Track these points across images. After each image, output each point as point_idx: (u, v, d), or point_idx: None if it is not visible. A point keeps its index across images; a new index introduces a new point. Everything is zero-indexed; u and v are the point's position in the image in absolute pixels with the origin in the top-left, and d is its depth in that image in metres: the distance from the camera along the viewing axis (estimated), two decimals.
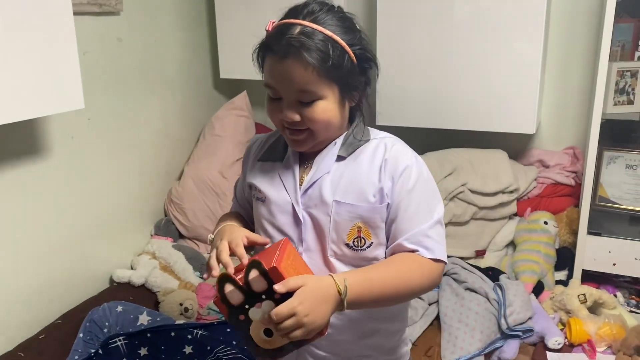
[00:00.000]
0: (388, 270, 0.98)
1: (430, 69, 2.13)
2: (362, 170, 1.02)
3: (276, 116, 1.01)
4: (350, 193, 1.01)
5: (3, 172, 1.68)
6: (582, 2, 2.16)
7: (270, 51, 0.97)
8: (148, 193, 2.30)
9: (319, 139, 1.02)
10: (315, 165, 1.05)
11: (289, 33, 0.94)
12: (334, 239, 1.02)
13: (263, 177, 1.09)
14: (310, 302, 0.86)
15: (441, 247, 1.00)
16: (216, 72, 2.57)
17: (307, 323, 0.86)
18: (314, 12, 0.97)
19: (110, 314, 1.81)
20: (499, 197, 2.11)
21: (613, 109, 1.97)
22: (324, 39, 0.94)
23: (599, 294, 1.87)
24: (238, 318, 0.90)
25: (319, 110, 0.98)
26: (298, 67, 0.94)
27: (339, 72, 0.96)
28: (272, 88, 0.99)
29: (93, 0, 1.88)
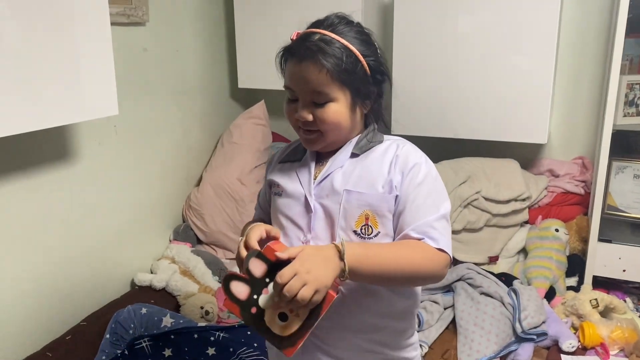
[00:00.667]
0: (390, 247, 1.04)
1: (444, 80, 2.20)
2: (374, 165, 1.08)
3: (292, 116, 1.09)
4: (360, 183, 1.07)
5: (35, 176, 1.73)
6: (592, 18, 2.24)
7: (291, 55, 1.06)
8: (168, 199, 2.35)
9: (328, 139, 1.09)
10: (330, 161, 1.12)
11: (309, 39, 1.05)
12: (342, 226, 1.07)
13: (282, 174, 1.17)
14: (311, 261, 0.92)
15: (446, 240, 1.04)
16: (234, 82, 2.63)
17: (311, 279, 0.89)
18: (334, 24, 1.07)
19: (135, 316, 1.85)
20: (511, 204, 2.17)
21: (623, 120, 2.04)
22: (340, 47, 1.04)
23: (610, 299, 1.92)
24: (250, 313, 0.92)
25: (330, 111, 1.05)
26: (313, 69, 1.03)
27: (350, 77, 1.05)
28: (290, 90, 1.08)
29: (122, 11, 1.95)
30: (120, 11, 1.94)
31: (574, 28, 2.26)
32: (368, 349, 1.12)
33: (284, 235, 1.12)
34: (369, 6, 2.30)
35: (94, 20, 1.52)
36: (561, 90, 2.33)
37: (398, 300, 1.11)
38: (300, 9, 2.31)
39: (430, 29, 2.20)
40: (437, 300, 1.95)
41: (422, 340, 1.81)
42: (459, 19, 2.15)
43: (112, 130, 1.99)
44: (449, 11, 2.16)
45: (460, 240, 2.17)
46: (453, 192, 2.16)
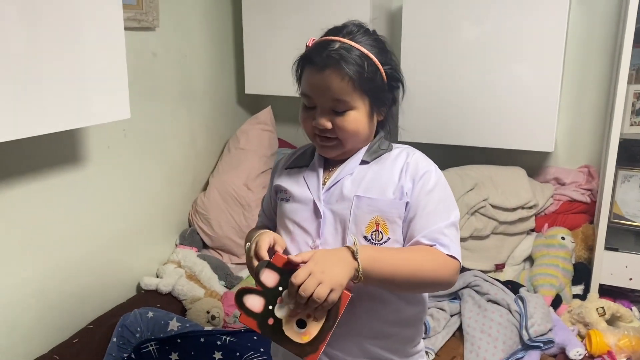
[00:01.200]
0: (402, 251, 1.04)
1: (452, 88, 2.22)
2: (384, 171, 1.09)
3: (309, 123, 1.09)
4: (371, 189, 1.08)
5: (44, 179, 1.74)
6: (599, 27, 2.25)
7: (310, 63, 1.06)
8: (174, 203, 2.36)
9: (346, 147, 1.10)
10: (339, 168, 1.12)
11: (329, 47, 1.04)
12: (353, 231, 1.07)
13: (289, 180, 1.17)
14: (325, 261, 0.93)
15: (456, 247, 1.05)
16: (241, 88, 2.65)
17: (326, 279, 0.90)
18: (353, 32, 1.07)
19: (141, 320, 1.86)
20: (518, 212, 2.17)
21: (629, 129, 2.05)
22: (360, 55, 1.04)
23: (617, 307, 1.92)
24: (268, 324, 0.91)
25: (350, 119, 1.06)
26: (335, 77, 1.03)
27: (371, 85, 1.05)
28: (308, 97, 1.08)
29: (133, 16, 1.96)
30: (131, 16, 1.95)
31: (581, 37, 2.28)
32: (375, 355, 1.11)
33: (291, 241, 1.12)
34: (377, 14, 2.32)
35: (107, 25, 1.54)
36: (568, 98, 2.34)
37: (406, 307, 1.11)
38: (308, 16, 2.33)
39: (438, 37, 2.21)
40: (444, 307, 1.95)
41: (429, 347, 1.81)
42: (467, 28, 2.17)
43: (121, 134, 2.00)
44: (457, 20, 2.17)
45: (467, 248, 2.17)
46: (460, 199, 2.16)
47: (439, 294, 2.00)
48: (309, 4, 2.31)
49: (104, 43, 1.54)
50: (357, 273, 0.95)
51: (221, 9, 2.53)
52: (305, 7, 2.32)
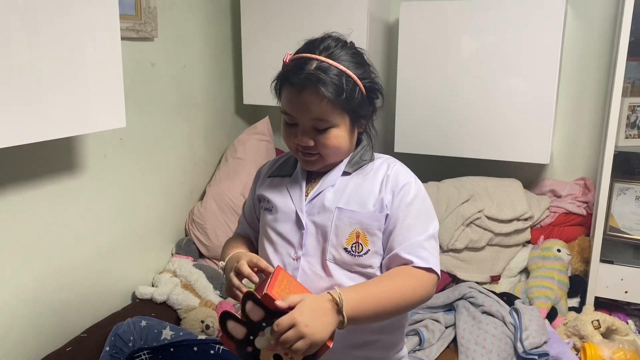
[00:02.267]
0: (382, 284, 1.03)
1: (448, 100, 2.23)
2: (365, 183, 1.11)
3: (292, 140, 1.10)
4: (352, 202, 1.09)
5: (40, 187, 1.74)
6: (594, 41, 2.27)
7: (289, 83, 1.06)
8: (171, 212, 2.36)
9: (328, 161, 1.12)
10: (322, 180, 1.13)
11: (306, 68, 1.04)
12: (333, 243, 1.08)
13: (272, 189, 1.18)
14: (310, 313, 0.91)
15: (435, 260, 1.06)
16: (239, 98, 2.67)
17: (308, 333, 0.89)
18: (330, 48, 1.07)
19: (134, 329, 1.85)
20: (514, 224, 2.17)
21: (624, 142, 2.06)
22: (338, 73, 1.04)
23: (612, 320, 1.91)
24: (246, 351, 0.93)
25: (331, 137, 1.07)
26: (314, 99, 1.03)
27: (351, 103, 1.06)
28: (288, 115, 1.08)
29: (131, 27, 1.98)
30: (130, 26, 1.97)
31: (577, 50, 2.29)
32: None
33: (274, 251, 1.14)
34: (374, 26, 2.34)
35: (104, 35, 1.55)
36: (564, 111, 2.35)
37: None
38: (306, 27, 2.34)
39: (434, 49, 2.23)
40: (439, 318, 1.95)
41: (422, 359, 1.81)
42: (463, 40, 2.18)
43: (118, 142, 2.01)
44: (453, 32, 2.19)
45: (462, 259, 2.17)
46: (455, 210, 2.16)
47: (434, 305, 2.00)
48: (308, 16, 2.33)
49: (101, 53, 1.55)
50: (342, 324, 0.95)
51: (220, 19, 2.55)
52: (303, 19, 2.34)
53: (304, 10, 2.34)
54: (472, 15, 2.15)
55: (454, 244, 2.15)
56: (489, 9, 2.13)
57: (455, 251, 2.17)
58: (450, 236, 2.15)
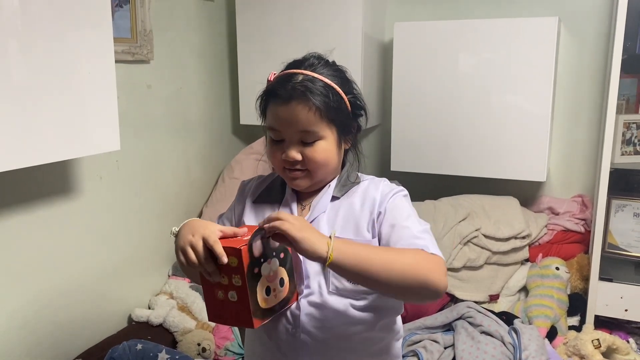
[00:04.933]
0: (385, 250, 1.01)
1: (443, 118, 2.24)
2: (356, 207, 1.09)
3: (277, 157, 1.08)
4: (347, 228, 1.07)
5: (35, 210, 1.74)
6: (588, 58, 2.28)
7: (275, 96, 1.06)
8: (167, 233, 2.34)
9: (316, 178, 1.10)
10: (312, 206, 1.12)
11: (293, 80, 1.05)
12: (335, 274, 1.05)
13: (260, 217, 1.13)
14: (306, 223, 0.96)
15: (435, 246, 1.02)
16: (236, 118, 2.68)
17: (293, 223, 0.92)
18: (314, 65, 1.09)
19: (130, 352, 1.83)
20: (511, 242, 2.16)
21: (620, 158, 2.06)
22: (324, 85, 1.05)
23: (613, 339, 1.89)
24: (253, 271, 0.96)
25: (319, 150, 1.06)
26: (302, 109, 1.03)
27: (337, 114, 1.07)
28: (274, 131, 1.08)
29: (127, 49, 1.99)
30: (126, 49, 1.99)
31: (570, 68, 2.31)
32: None
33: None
34: (368, 46, 2.36)
35: (99, 58, 1.57)
36: (559, 128, 2.35)
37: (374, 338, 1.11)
38: (301, 48, 2.34)
39: (429, 68, 2.24)
40: (437, 339, 1.93)
41: None
42: (458, 59, 2.20)
43: (114, 165, 2.01)
44: (448, 51, 2.20)
45: (460, 278, 2.16)
46: (452, 229, 2.15)
47: (432, 325, 1.98)
48: (303, 36, 2.35)
49: (95, 76, 1.56)
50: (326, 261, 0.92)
51: (216, 41, 2.57)
52: (299, 39, 2.36)
53: (299, 31, 2.36)
54: (466, 35, 2.17)
55: (452, 263, 2.14)
56: (483, 28, 2.15)
57: (453, 270, 2.15)
58: (447, 255, 2.14)
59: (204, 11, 2.46)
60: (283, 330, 1.08)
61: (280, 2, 2.36)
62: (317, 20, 2.32)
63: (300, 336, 1.07)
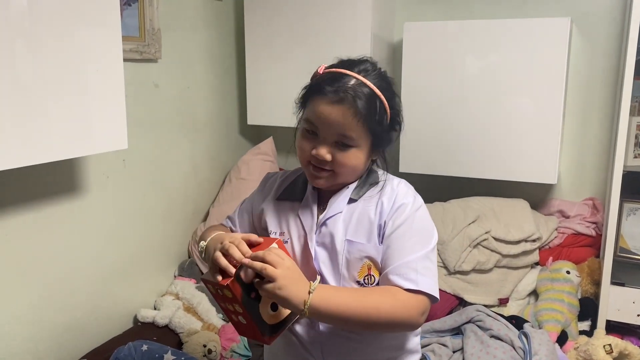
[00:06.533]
0: (360, 294, 1.03)
1: (453, 120, 2.21)
2: (370, 211, 1.09)
3: (307, 150, 1.08)
4: (360, 233, 1.08)
5: (42, 209, 1.73)
6: (600, 60, 2.25)
7: (322, 93, 1.05)
8: (174, 234, 2.34)
9: (338, 181, 1.10)
10: (329, 205, 1.12)
11: (344, 81, 1.04)
12: (345, 276, 1.07)
13: (282, 217, 1.16)
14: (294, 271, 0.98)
15: (427, 280, 1.02)
16: (243, 118, 2.66)
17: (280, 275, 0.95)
18: (368, 70, 1.07)
19: (135, 353, 1.82)
20: (522, 245, 2.13)
21: (633, 161, 2.03)
22: (373, 95, 1.04)
23: (625, 344, 1.86)
24: (250, 296, 0.98)
25: (351, 156, 1.06)
26: (347, 114, 1.03)
27: (377, 127, 1.06)
28: (312, 124, 1.07)
29: (135, 48, 1.98)
30: (134, 48, 1.98)
31: (582, 70, 2.28)
32: None
33: None
34: (378, 46, 2.34)
35: (107, 56, 1.55)
36: (571, 130, 2.32)
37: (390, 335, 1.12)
38: (310, 48, 2.35)
39: (438, 70, 2.22)
40: (446, 343, 1.90)
41: None
42: (467, 60, 2.17)
43: (120, 164, 2.00)
44: (458, 53, 2.18)
45: (470, 281, 2.13)
46: (462, 231, 2.13)
47: (441, 329, 1.96)
48: (311, 37, 2.34)
49: (103, 74, 1.55)
50: (304, 307, 0.96)
51: (224, 41, 2.56)
52: (307, 40, 2.35)
53: (308, 31, 2.34)
54: (476, 35, 2.15)
55: (461, 266, 2.11)
56: (494, 29, 2.12)
57: (462, 273, 2.13)
58: (457, 258, 2.12)
59: (212, 10, 2.45)
60: (302, 322, 1.11)
61: (289, 1, 2.35)
62: (326, 20, 2.30)
63: (319, 327, 1.10)
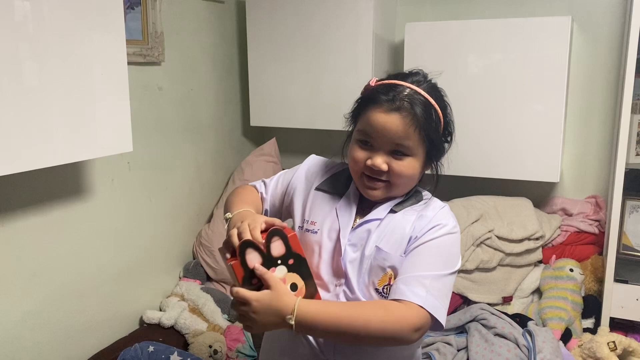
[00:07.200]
0: (350, 308, 1.01)
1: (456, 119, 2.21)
2: (406, 225, 1.08)
3: (361, 161, 1.07)
4: (390, 243, 1.07)
5: (48, 212, 1.75)
6: (601, 57, 2.25)
7: (377, 103, 1.05)
8: (179, 235, 2.36)
9: (393, 191, 1.09)
10: (371, 210, 1.11)
11: (398, 90, 1.05)
12: (365, 282, 1.07)
13: (317, 208, 1.14)
14: (266, 307, 0.96)
15: (433, 300, 0.99)
16: (246, 120, 2.67)
17: (253, 319, 0.96)
18: (420, 82, 1.09)
19: (142, 354, 1.83)
20: (525, 243, 2.14)
21: (635, 159, 2.03)
22: (428, 104, 1.06)
23: (629, 341, 1.87)
24: (251, 283, 0.97)
25: (406, 165, 1.06)
26: (402, 122, 1.03)
27: (433, 135, 1.06)
28: (366, 134, 1.07)
29: (139, 51, 2.00)
30: (137, 51, 1.99)
31: (583, 68, 2.28)
32: None
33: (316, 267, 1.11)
34: (379, 47, 2.35)
35: (111, 60, 1.57)
36: (573, 129, 2.33)
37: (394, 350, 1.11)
38: (312, 50, 2.36)
39: (440, 69, 2.21)
40: (450, 341, 1.91)
41: None
42: (469, 59, 2.18)
43: (125, 166, 2.02)
44: (459, 52, 2.19)
45: (474, 280, 2.14)
46: (465, 230, 2.14)
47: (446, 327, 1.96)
48: (313, 38, 2.35)
49: (107, 78, 1.57)
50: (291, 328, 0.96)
51: (226, 43, 2.57)
52: (309, 41, 2.36)
53: (310, 33, 2.35)
54: (478, 35, 2.15)
55: (465, 265, 2.12)
56: (495, 28, 2.13)
57: (466, 272, 2.14)
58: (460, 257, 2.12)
59: (214, 13, 2.46)
60: None
61: (291, 3, 2.36)
62: (327, 20, 2.31)
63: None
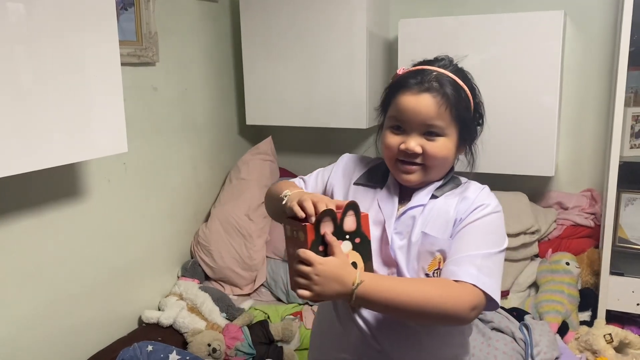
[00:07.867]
0: (410, 283, 1.01)
1: None
2: (450, 208, 1.08)
3: (395, 146, 1.08)
4: (436, 227, 1.07)
5: (44, 214, 1.75)
6: (593, 52, 2.26)
7: (406, 87, 1.06)
8: (176, 235, 2.36)
9: (429, 175, 1.09)
10: (412, 197, 1.11)
11: (427, 73, 1.07)
12: (415, 268, 1.07)
13: (362, 202, 1.11)
14: (329, 272, 0.95)
15: (485, 278, 1.00)
16: (242, 119, 2.68)
17: (314, 282, 0.94)
18: (447, 65, 1.11)
19: (141, 354, 1.84)
20: (521, 237, 2.15)
21: (629, 152, 2.04)
22: (455, 84, 1.07)
23: (625, 334, 1.88)
24: (318, 249, 0.97)
25: (440, 146, 1.06)
26: (433, 102, 1.04)
27: (464, 114, 1.07)
28: (398, 120, 1.08)
29: (133, 52, 2.00)
30: (131, 52, 1.99)
31: (576, 62, 2.29)
32: None
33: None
34: (373, 43, 2.35)
35: (105, 61, 1.57)
36: (567, 123, 2.34)
37: (441, 348, 1.11)
38: (306, 47, 2.37)
39: None
40: None
41: None
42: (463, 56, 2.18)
43: (121, 167, 2.02)
44: (453, 49, 2.16)
45: None
46: None
47: None
48: (307, 35, 2.35)
49: (101, 79, 1.57)
50: (351, 298, 0.96)
51: (220, 42, 2.58)
52: (304, 39, 2.36)
53: (304, 31, 2.35)
54: (472, 30, 2.16)
55: None
56: (488, 24, 2.13)
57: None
58: None
59: (207, 12, 2.46)
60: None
61: (284, 1, 2.36)
62: (321, 18, 2.32)
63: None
